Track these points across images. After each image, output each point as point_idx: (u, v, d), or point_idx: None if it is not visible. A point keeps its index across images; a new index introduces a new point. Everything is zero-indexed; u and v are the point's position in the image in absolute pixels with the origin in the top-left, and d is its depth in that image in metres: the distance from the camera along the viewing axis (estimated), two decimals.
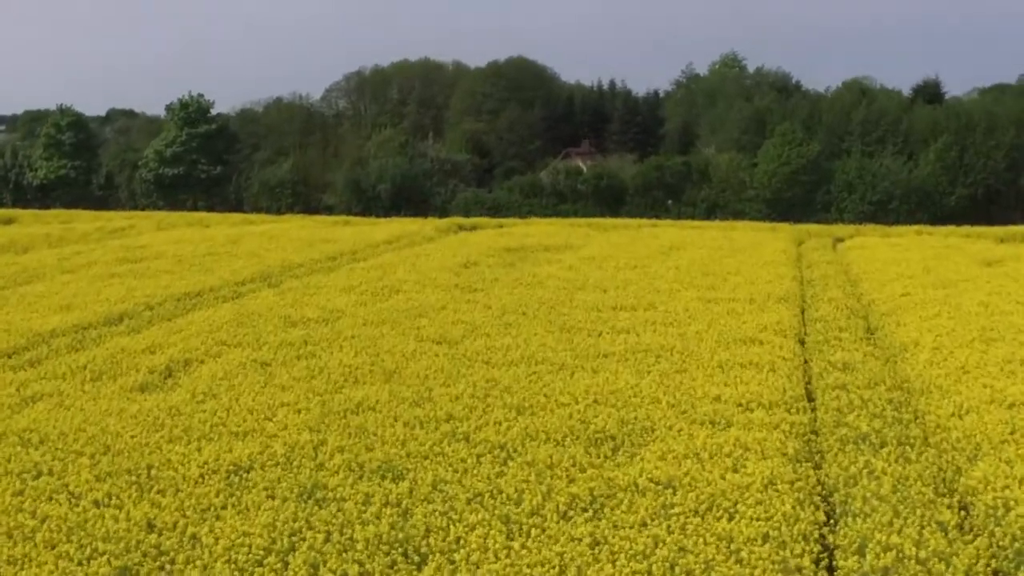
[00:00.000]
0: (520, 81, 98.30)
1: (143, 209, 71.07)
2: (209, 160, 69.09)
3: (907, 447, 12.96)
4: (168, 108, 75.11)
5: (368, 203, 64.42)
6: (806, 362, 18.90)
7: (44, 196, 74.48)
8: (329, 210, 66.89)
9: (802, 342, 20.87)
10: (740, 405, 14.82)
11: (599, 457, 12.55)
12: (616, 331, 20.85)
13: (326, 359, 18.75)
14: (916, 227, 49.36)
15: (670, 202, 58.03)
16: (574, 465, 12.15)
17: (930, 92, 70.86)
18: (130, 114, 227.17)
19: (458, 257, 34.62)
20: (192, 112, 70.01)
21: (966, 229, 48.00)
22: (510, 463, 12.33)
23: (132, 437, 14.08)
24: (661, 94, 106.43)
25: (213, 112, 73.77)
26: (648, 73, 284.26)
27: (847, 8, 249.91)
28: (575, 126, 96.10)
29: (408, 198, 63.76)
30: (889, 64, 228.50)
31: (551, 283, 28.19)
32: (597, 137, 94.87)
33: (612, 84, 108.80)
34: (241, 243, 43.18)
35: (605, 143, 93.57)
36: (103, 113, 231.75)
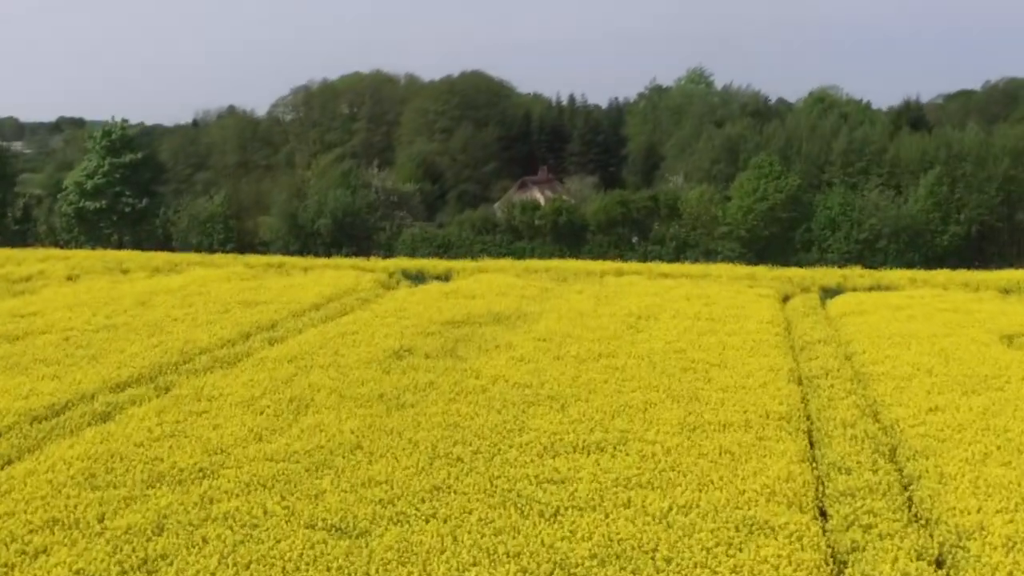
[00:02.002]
0: (474, 99, 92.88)
1: (64, 245, 65.12)
2: (134, 192, 63.12)
3: None
4: (89, 136, 69.01)
5: (307, 239, 58.89)
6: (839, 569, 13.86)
7: None
8: (265, 247, 61.31)
9: (824, 513, 15.86)
10: None
11: None
12: (578, 507, 15.67)
13: None
14: (909, 273, 44.71)
15: (635, 239, 53.11)
16: None
17: (913, 115, 66.42)
18: (79, 122, 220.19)
19: (391, 338, 29.35)
20: (115, 140, 63.97)
21: (963, 276, 43.47)
22: None
23: None
24: (623, 106, 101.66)
25: (161, 122, 67.91)
26: (610, 89, 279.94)
27: (810, 14, 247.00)
28: (532, 146, 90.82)
29: (350, 234, 58.23)
30: (855, 71, 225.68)
31: (498, 391, 23.02)
32: (556, 157, 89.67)
33: (572, 99, 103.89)
34: (150, 306, 37.66)
35: (564, 164, 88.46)
36: (53, 119, 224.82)
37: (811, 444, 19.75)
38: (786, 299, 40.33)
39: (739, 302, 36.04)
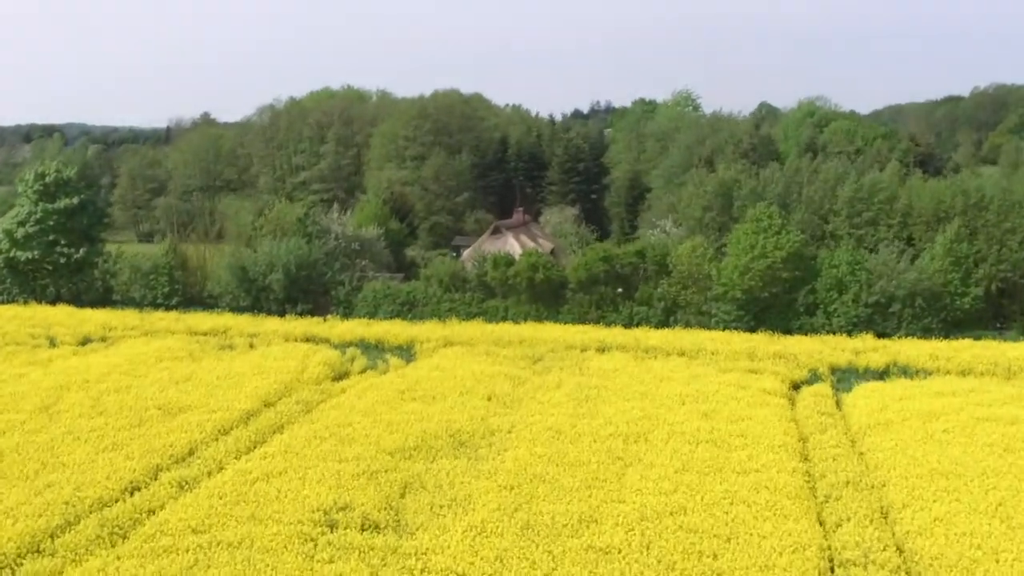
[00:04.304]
0: (447, 123, 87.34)
1: None
2: (70, 240, 57.38)
3: None
4: (20, 180, 63.05)
5: (258, 294, 53.31)
6: None
7: None
8: (214, 300, 55.69)
9: None
10: None
11: None
12: None
13: None
14: (928, 347, 39.78)
15: (620, 290, 47.70)
16: None
17: (922, 154, 61.38)
18: (49, 130, 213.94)
19: (325, 485, 24.11)
20: (49, 184, 58.09)
21: (990, 352, 38.66)
22: None
23: None
24: (606, 111, 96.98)
25: (136, 125, 61.54)
26: (590, 96, 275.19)
27: (797, 19, 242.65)
28: (509, 174, 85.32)
29: (305, 288, 52.75)
30: (842, 77, 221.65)
31: None
32: (534, 186, 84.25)
33: (552, 120, 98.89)
34: (54, 413, 32.27)
35: (542, 193, 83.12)
36: (27, 123, 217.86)
37: None
38: (795, 387, 35.36)
39: (743, 408, 30.84)
